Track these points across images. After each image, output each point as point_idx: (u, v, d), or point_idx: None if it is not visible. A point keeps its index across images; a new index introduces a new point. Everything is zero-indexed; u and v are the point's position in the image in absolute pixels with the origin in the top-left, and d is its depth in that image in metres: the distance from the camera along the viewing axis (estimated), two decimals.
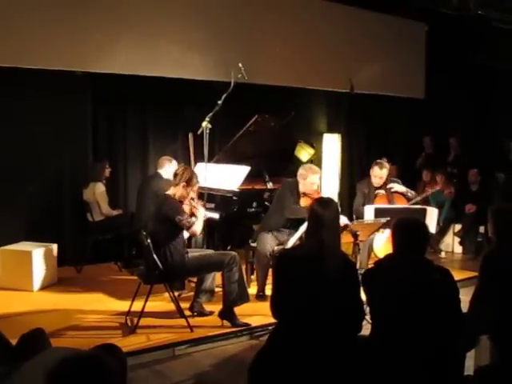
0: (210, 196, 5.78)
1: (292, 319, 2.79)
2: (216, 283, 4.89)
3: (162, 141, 6.87)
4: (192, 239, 5.61)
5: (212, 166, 5.87)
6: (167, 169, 5.94)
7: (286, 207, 5.30)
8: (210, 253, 4.84)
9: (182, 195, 4.54)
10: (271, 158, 6.18)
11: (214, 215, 5.62)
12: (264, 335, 4.34)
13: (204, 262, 4.63)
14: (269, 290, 4.69)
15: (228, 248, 5.89)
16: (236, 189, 5.79)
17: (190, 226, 4.49)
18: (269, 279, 5.02)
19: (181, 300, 4.91)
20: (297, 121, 6.71)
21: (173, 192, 4.56)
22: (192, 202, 4.63)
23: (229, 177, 5.89)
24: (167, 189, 4.71)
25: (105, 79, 6.18)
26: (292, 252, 3.32)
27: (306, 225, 3.12)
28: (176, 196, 4.53)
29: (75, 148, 6.39)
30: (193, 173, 4.62)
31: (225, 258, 4.56)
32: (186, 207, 4.60)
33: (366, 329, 2.98)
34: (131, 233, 5.87)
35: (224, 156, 6.16)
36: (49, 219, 6.30)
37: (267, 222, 5.46)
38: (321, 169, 8.13)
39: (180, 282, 5.24)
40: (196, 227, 4.53)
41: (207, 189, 5.70)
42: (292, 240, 4.96)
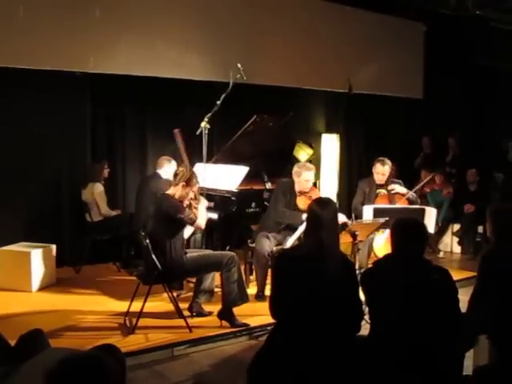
0: (209, 196, 5.76)
1: (291, 319, 2.79)
2: (215, 283, 4.89)
3: (161, 141, 6.86)
4: (191, 239, 5.60)
5: (211, 167, 5.87)
6: (166, 169, 5.94)
7: (275, 209, 5.31)
8: (209, 253, 4.83)
9: (182, 195, 4.52)
10: (270, 159, 6.18)
11: (213, 215, 5.62)
12: (263, 335, 4.34)
13: (203, 263, 4.63)
14: (268, 291, 4.69)
15: (227, 248, 5.88)
16: (235, 189, 5.80)
17: (194, 221, 4.50)
18: (268, 279, 5.03)
19: (180, 300, 4.90)
20: (295, 121, 6.72)
21: (172, 192, 4.55)
22: (192, 203, 4.62)
23: (227, 177, 5.90)
24: (166, 189, 4.71)
25: (104, 80, 6.18)
26: (291, 252, 3.32)
27: (305, 225, 3.13)
28: (176, 196, 4.52)
29: (74, 148, 6.39)
30: (193, 173, 4.61)
31: (223, 259, 4.55)
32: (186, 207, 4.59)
33: (365, 329, 2.98)
34: (130, 233, 5.87)
35: (223, 156, 6.16)
36: (47, 220, 6.29)
37: (265, 223, 5.45)
38: (319, 169, 8.19)
39: (178, 283, 5.22)
40: (200, 220, 4.53)
41: (206, 189, 5.69)
42: (291, 240, 4.96)
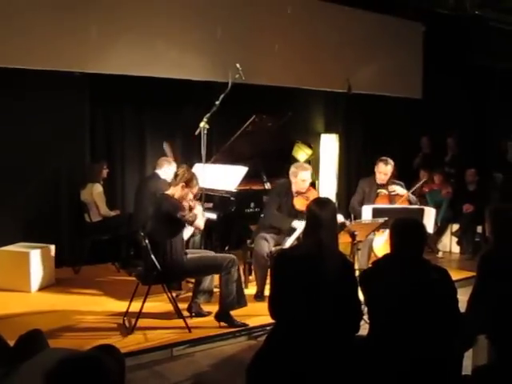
0: (208, 196, 5.77)
1: (290, 319, 2.79)
2: (214, 284, 4.88)
3: (160, 141, 6.84)
4: (190, 240, 5.60)
5: (210, 167, 5.87)
6: (166, 170, 5.93)
7: (267, 212, 5.32)
8: (210, 255, 4.82)
9: (181, 196, 4.51)
10: (269, 159, 6.19)
11: (212, 216, 5.62)
12: (262, 335, 4.33)
13: (202, 264, 4.62)
14: (267, 291, 4.69)
15: (226, 248, 5.88)
16: (234, 189, 5.80)
17: (194, 221, 4.51)
18: (267, 280, 5.03)
19: (179, 301, 4.90)
20: (294, 121, 6.72)
21: (172, 192, 4.55)
22: (191, 204, 4.62)
23: (226, 177, 5.90)
24: (165, 189, 4.71)
25: (103, 80, 6.17)
26: (290, 252, 3.32)
27: (304, 225, 3.13)
28: (175, 196, 4.52)
29: (73, 149, 6.38)
30: (193, 174, 4.61)
31: (223, 261, 4.55)
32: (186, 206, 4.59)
33: (364, 329, 2.98)
34: (129, 233, 5.87)
35: (222, 156, 6.16)
36: (46, 220, 6.28)
37: (264, 223, 5.45)
38: (318, 169, 8.19)
39: (177, 283, 5.23)
40: (199, 221, 4.56)
41: (205, 189, 5.69)
42: (290, 240, 4.96)
